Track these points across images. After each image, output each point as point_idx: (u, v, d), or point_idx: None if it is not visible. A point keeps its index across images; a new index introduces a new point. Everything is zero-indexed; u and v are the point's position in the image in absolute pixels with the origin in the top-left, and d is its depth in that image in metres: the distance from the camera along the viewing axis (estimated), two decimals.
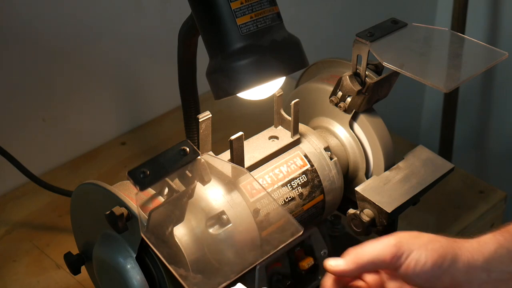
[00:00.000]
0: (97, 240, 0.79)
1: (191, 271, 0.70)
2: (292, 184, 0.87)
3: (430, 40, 0.92)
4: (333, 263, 0.76)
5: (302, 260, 0.90)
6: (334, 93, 0.91)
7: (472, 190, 1.22)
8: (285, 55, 0.77)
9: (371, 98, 0.91)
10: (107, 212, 0.72)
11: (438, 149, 1.85)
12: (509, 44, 1.79)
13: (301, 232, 0.71)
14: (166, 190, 0.74)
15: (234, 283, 0.76)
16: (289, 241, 0.72)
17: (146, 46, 1.34)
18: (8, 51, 1.16)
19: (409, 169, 0.92)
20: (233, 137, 0.81)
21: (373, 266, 0.75)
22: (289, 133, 0.90)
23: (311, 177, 0.88)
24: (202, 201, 0.76)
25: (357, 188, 0.89)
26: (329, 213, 0.94)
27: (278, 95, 0.88)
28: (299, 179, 0.88)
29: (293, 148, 0.90)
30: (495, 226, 1.20)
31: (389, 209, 0.87)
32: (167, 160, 0.70)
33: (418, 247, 0.74)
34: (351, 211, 0.91)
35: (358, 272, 0.76)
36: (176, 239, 0.72)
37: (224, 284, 0.68)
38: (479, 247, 0.76)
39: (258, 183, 0.80)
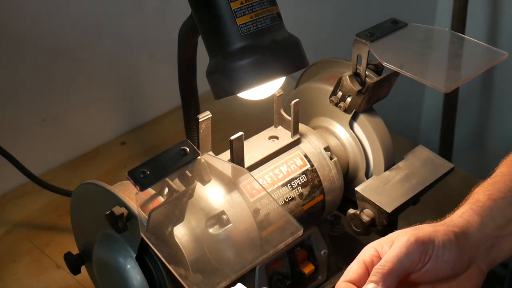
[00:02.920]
0: (97, 240, 0.79)
1: (191, 271, 0.70)
2: (292, 184, 0.87)
3: (430, 40, 0.92)
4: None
5: (303, 265, 0.90)
6: (334, 93, 0.91)
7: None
8: (285, 55, 0.77)
9: (371, 98, 0.91)
10: (107, 212, 0.72)
11: (438, 149, 1.85)
12: (509, 44, 1.79)
13: (301, 232, 0.71)
14: (166, 190, 0.74)
15: (234, 283, 0.76)
16: (289, 241, 0.72)
17: (146, 46, 1.34)
18: (8, 51, 1.16)
19: (409, 169, 0.92)
20: (233, 137, 0.81)
21: (403, 271, 0.70)
22: (289, 133, 0.90)
23: (311, 177, 0.88)
24: (202, 201, 0.76)
25: (357, 188, 0.89)
26: (329, 213, 0.94)
27: (278, 95, 0.88)
28: (299, 179, 0.88)
29: (293, 148, 0.90)
30: None
31: (389, 209, 0.87)
32: (167, 160, 0.70)
33: (435, 235, 0.71)
34: (351, 211, 0.90)
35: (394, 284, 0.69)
36: (176, 239, 0.72)
37: (224, 284, 0.68)
38: (461, 218, 0.75)
39: (258, 183, 0.80)
